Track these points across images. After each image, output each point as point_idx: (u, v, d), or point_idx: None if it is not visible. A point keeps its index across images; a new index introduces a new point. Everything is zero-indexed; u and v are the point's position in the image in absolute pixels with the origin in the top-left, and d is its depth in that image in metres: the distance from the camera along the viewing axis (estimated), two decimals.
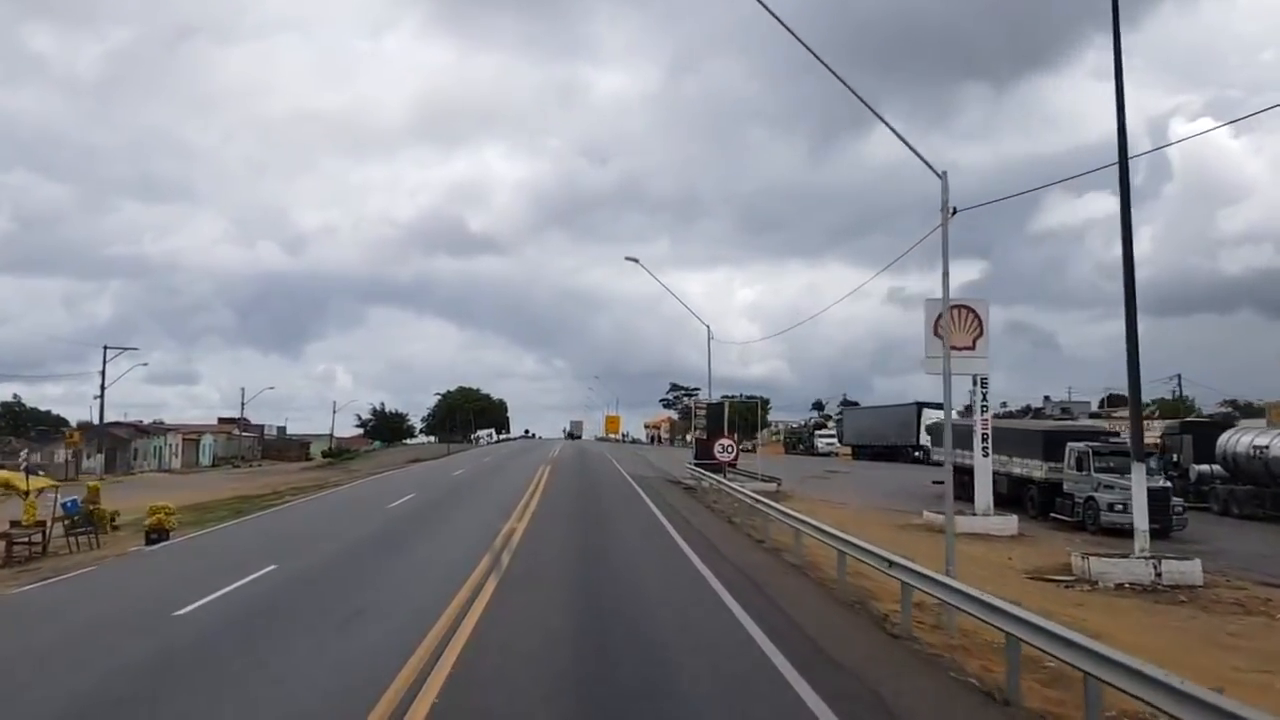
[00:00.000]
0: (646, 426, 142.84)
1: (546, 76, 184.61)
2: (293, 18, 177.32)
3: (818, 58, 10.80)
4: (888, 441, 62.90)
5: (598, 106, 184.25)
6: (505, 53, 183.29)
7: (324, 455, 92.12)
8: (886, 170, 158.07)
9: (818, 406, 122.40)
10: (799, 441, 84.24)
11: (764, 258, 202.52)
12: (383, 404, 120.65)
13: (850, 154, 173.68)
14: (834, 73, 10.94)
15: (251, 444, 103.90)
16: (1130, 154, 16.19)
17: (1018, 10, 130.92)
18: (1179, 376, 71.87)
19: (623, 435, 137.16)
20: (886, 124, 11.08)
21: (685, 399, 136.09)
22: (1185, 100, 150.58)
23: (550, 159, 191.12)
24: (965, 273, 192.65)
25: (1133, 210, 16.23)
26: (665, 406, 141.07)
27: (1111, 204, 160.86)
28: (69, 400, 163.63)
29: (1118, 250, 16.30)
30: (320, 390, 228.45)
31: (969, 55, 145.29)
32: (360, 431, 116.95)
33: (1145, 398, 23.11)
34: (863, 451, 66.22)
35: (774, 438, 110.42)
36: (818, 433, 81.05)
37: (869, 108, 11.15)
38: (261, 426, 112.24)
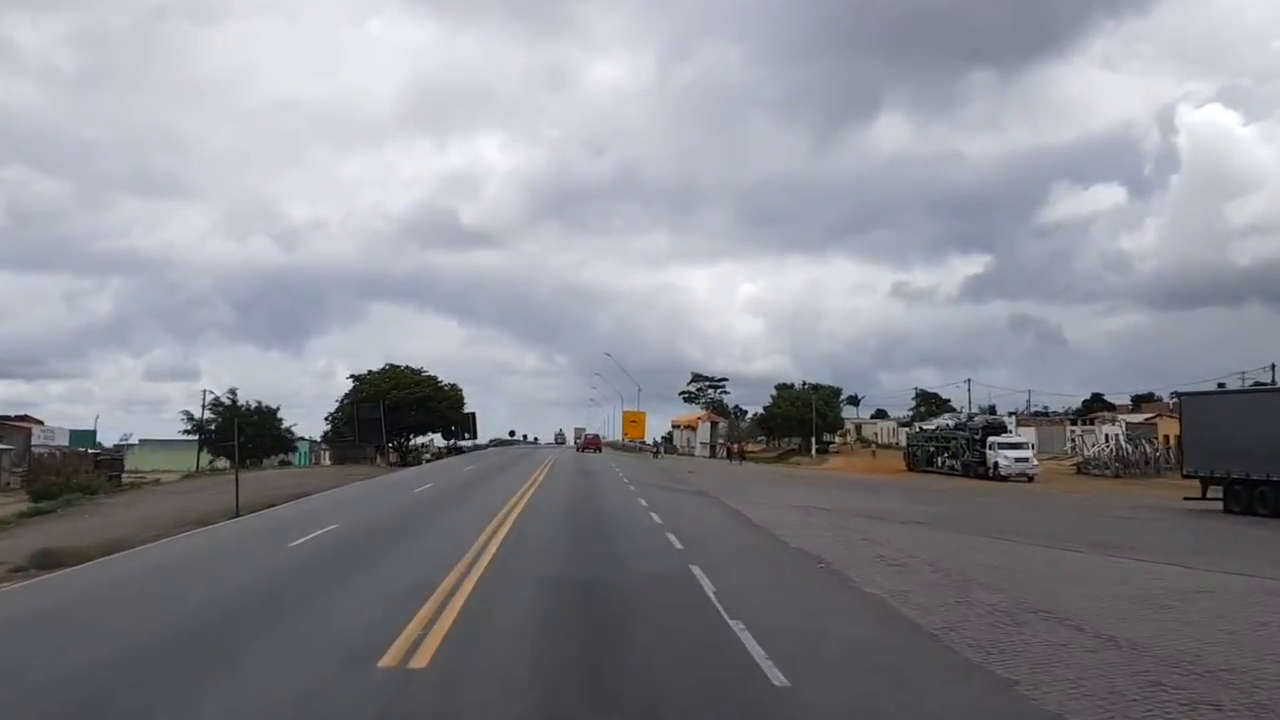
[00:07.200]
0: (675, 426, 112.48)
1: (538, 61, 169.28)
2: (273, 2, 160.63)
3: None
4: None
5: (592, 94, 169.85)
6: (496, 38, 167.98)
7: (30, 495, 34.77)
8: (891, 162, 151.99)
9: (853, 401, 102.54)
10: (942, 452, 53.53)
11: (766, 251, 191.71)
12: (233, 393, 69.82)
13: (853, 145, 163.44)
14: None
15: (7, 458, 54.11)
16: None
17: None
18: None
19: (656, 445, 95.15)
20: None
21: (710, 390, 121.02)
22: (1194, 88, 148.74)
23: (545, 148, 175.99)
24: (968, 267, 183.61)
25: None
26: (686, 401, 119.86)
27: (1119, 195, 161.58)
28: (69, 398, 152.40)
29: (1125, 243, 1.82)
30: (317, 386, 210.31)
31: (974, 41, 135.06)
32: (194, 438, 67.95)
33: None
34: (1258, 493, 24.80)
35: (846, 441, 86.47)
36: (993, 440, 47.91)
37: None
38: (29, 431, 61.80)
